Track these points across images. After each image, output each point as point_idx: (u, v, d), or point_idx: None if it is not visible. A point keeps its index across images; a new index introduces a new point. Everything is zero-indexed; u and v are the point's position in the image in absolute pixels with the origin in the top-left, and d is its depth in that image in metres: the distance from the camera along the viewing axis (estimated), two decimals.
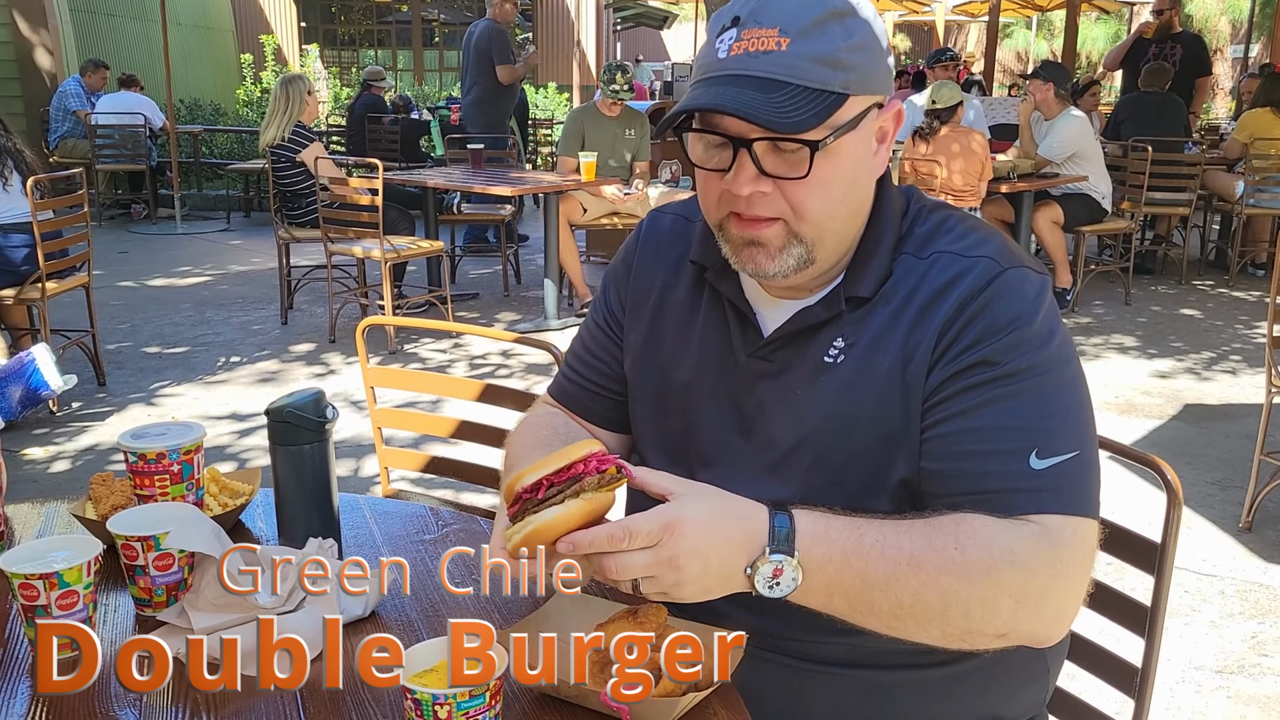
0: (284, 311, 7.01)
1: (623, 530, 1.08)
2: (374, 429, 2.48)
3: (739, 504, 1.17)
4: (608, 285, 1.61)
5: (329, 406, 1.54)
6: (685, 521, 1.10)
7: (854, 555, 1.16)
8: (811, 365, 1.36)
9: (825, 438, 1.34)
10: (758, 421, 1.40)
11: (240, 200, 11.72)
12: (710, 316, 1.46)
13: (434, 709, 1.11)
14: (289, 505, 1.55)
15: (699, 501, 1.14)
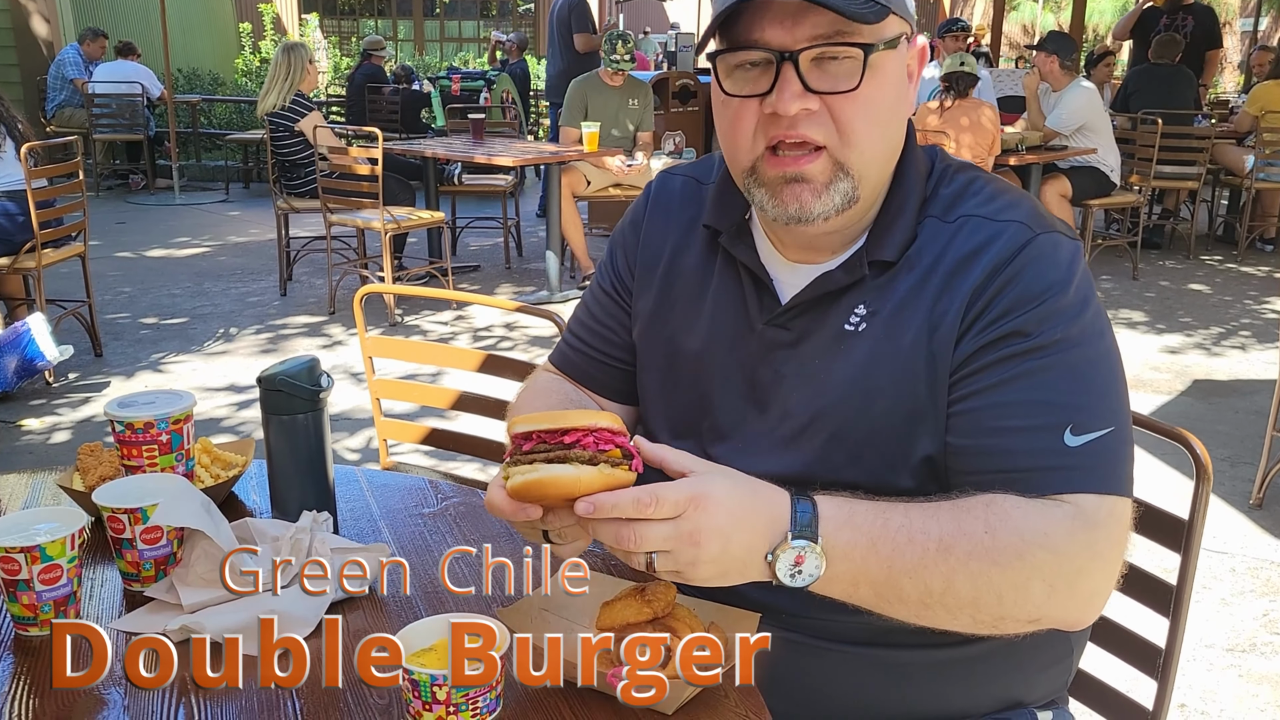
0: (283, 283, 6.95)
1: (650, 496, 1.02)
2: (372, 400, 2.43)
3: (762, 487, 1.10)
4: (614, 249, 1.55)
5: (323, 374, 1.48)
6: (710, 497, 1.04)
7: (880, 541, 1.09)
8: (831, 334, 1.29)
9: (845, 411, 1.28)
10: (774, 393, 1.34)
11: (239, 171, 11.63)
12: (724, 283, 1.40)
13: (432, 690, 1.06)
14: (282, 477, 1.49)
15: (724, 479, 1.08)
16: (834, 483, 1.26)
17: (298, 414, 1.46)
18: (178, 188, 10.55)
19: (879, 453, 1.27)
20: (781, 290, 1.35)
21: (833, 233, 1.29)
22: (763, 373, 1.35)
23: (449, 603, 1.38)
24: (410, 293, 2.54)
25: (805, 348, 1.31)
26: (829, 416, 1.29)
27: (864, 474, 1.27)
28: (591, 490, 1.03)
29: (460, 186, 7.73)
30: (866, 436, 1.27)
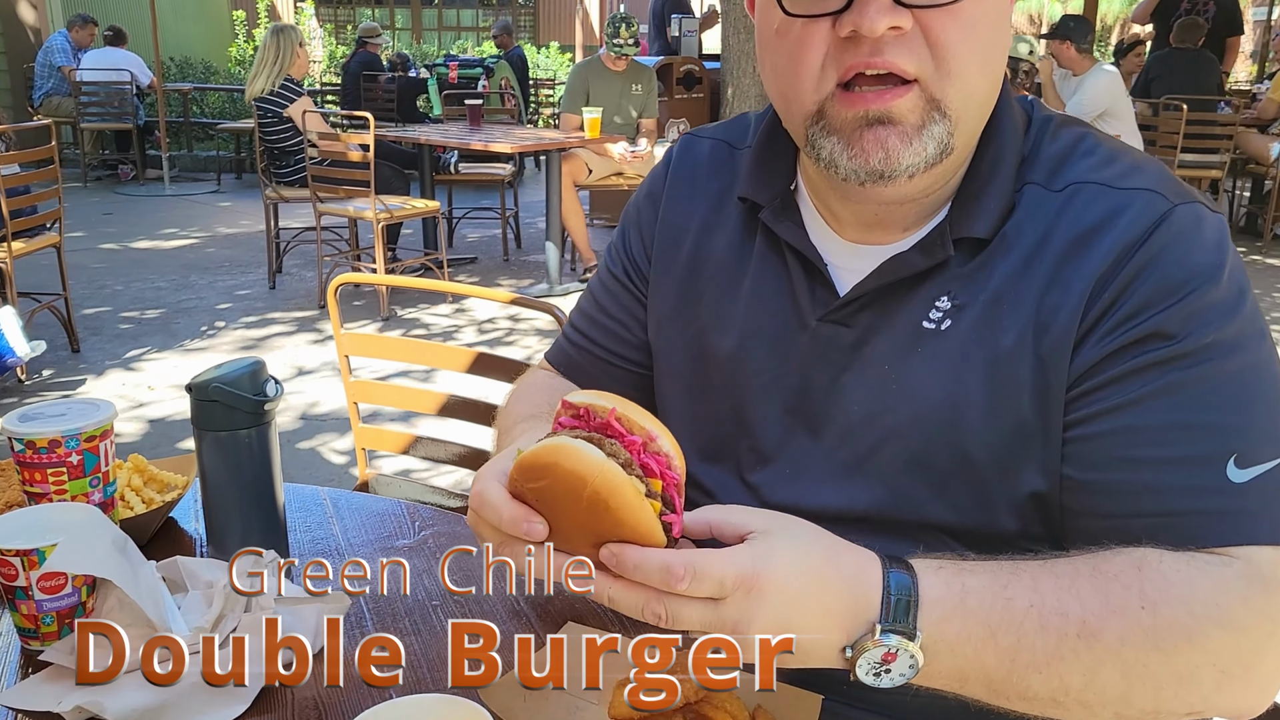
0: (272, 275, 6.67)
1: (685, 568, 0.77)
2: (349, 404, 2.15)
3: (844, 555, 0.84)
4: (627, 228, 1.27)
5: (269, 380, 1.20)
6: (768, 579, 0.78)
7: (1002, 629, 0.84)
8: (906, 332, 1.03)
9: (925, 431, 1.01)
10: (831, 406, 1.07)
11: (231, 161, 11.33)
12: (765, 269, 1.12)
13: None
14: (219, 507, 1.21)
15: (789, 550, 0.81)
16: (915, 525, 0.99)
17: (238, 429, 1.18)
18: (168, 178, 10.26)
19: (971, 486, 1.00)
20: (839, 278, 1.08)
21: (909, 202, 1.02)
22: (817, 380, 1.08)
23: (421, 666, 1.11)
24: (393, 283, 2.26)
25: (871, 349, 1.05)
26: (904, 438, 1.02)
27: (952, 512, 1.00)
28: (614, 498, 0.77)
29: (457, 175, 7.44)
30: (955, 465, 1.00)
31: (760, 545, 0.80)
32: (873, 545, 0.98)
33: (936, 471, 1.01)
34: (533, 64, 13.58)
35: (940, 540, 1.05)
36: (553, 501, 0.81)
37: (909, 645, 0.81)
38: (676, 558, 0.77)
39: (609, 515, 0.78)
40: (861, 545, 0.91)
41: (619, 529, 0.78)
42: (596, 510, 0.78)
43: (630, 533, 0.78)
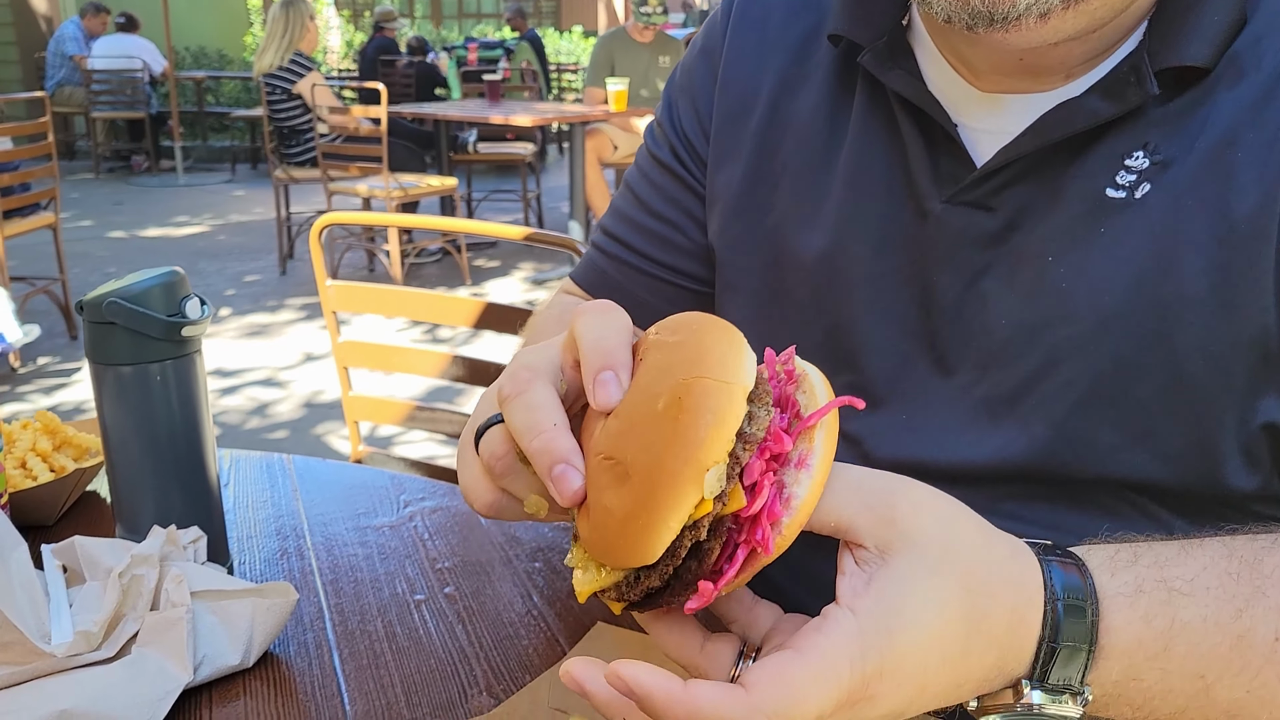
0: (282, 261, 6.38)
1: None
2: (338, 369, 1.83)
3: (998, 595, 0.53)
4: (674, 97, 0.96)
5: (191, 297, 0.88)
6: (885, 681, 0.50)
7: (1222, 680, 0.57)
8: (1080, 208, 0.72)
9: (1114, 345, 0.71)
10: (968, 322, 0.76)
11: (246, 151, 11.09)
12: (868, 135, 0.82)
13: None
14: (125, 469, 0.90)
15: (923, 607, 0.51)
16: (1093, 483, 0.69)
17: (147, 362, 0.86)
18: (181, 168, 10.01)
19: (1182, 422, 0.70)
20: (974, 143, 0.77)
21: (1068, 41, 0.70)
22: (946, 287, 0.77)
23: (394, 685, 0.80)
24: (380, 221, 1.95)
25: (1026, 238, 0.74)
26: (1081, 357, 0.72)
27: (1153, 461, 0.71)
28: (686, 453, 0.49)
29: (475, 155, 7.13)
30: (1159, 392, 0.70)
31: (876, 616, 0.50)
32: (1029, 514, 0.68)
33: (1131, 403, 0.70)
34: (555, 49, 13.26)
35: (1131, 504, 0.73)
36: (639, 374, 0.53)
37: (1066, 707, 0.55)
38: (740, 707, 0.48)
39: (658, 451, 0.49)
40: (1014, 513, 0.61)
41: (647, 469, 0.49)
42: (656, 425, 0.49)
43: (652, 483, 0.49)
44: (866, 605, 0.50)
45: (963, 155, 0.76)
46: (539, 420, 0.54)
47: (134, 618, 0.82)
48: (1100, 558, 0.57)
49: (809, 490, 0.49)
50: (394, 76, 10.08)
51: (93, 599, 0.84)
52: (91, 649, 0.79)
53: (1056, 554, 0.56)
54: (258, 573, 0.97)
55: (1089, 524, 0.72)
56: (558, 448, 0.53)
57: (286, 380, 4.53)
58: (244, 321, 5.39)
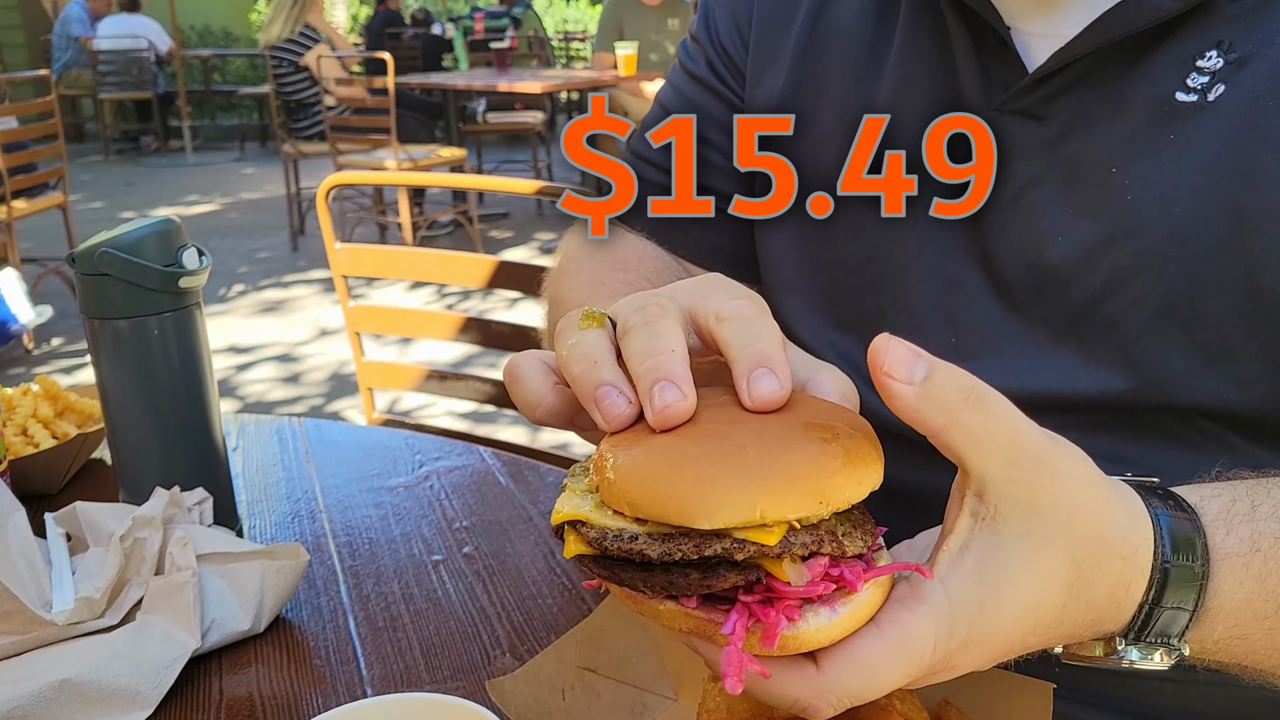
0: (294, 237, 6.34)
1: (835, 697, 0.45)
2: (350, 335, 1.79)
3: (1105, 564, 0.48)
4: (711, 9, 0.91)
5: (188, 247, 0.84)
6: (974, 648, 0.46)
7: None
8: (1145, 113, 0.67)
9: (1187, 261, 0.65)
10: (1017, 237, 0.71)
11: (255, 129, 11.03)
12: (915, 41, 0.77)
13: None
14: (125, 429, 0.86)
15: (1026, 574, 0.46)
16: (1167, 412, 0.64)
17: (144, 315, 0.82)
18: (190, 148, 9.97)
19: (1265, 344, 0.65)
20: (1026, 47, 0.72)
21: None
22: (992, 201, 0.71)
23: (413, 649, 0.76)
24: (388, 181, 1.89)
25: (1083, 148, 0.69)
26: (1149, 276, 0.66)
27: (1233, 387, 0.66)
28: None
29: (485, 125, 7.06)
30: (1238, 311, 0.65)
31: (970, 590, 0.45)
32: (1091, 446, 0.62)
33: (1205, 323, 0.65)
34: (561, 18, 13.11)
35: (1205, 433, 0.68)
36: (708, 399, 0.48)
37: (1155, 662, 0.51)
38: (809, 688, 0.44)
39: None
40: (1079, 446, 0.56)
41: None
42: (799, 434, 0.45)
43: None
44: (961, 579, 0.45)
45: (1014, 61, 0.70)
46: (659, 345, 0.49)
47: (138, 583, 0.78)
48: (1215, 510, 0.52)
49: (827, 630, 0.43)
50: (400, 49, 10.00)
51: (95, 566, 0.81)
52: (94, 616, 0.75)
53: (1170, 505, 0.51)
54: (269, 537, 0.93)
55: (1157, 456, 0.67)
56: (671, 368, 0.47)
57: (302, 355, 4.50)
58: (258, 298, 5.36)
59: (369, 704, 0.57)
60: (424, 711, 0.56)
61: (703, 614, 0.43)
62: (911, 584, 0.45)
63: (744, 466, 0.42)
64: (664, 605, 0.44)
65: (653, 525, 0.43)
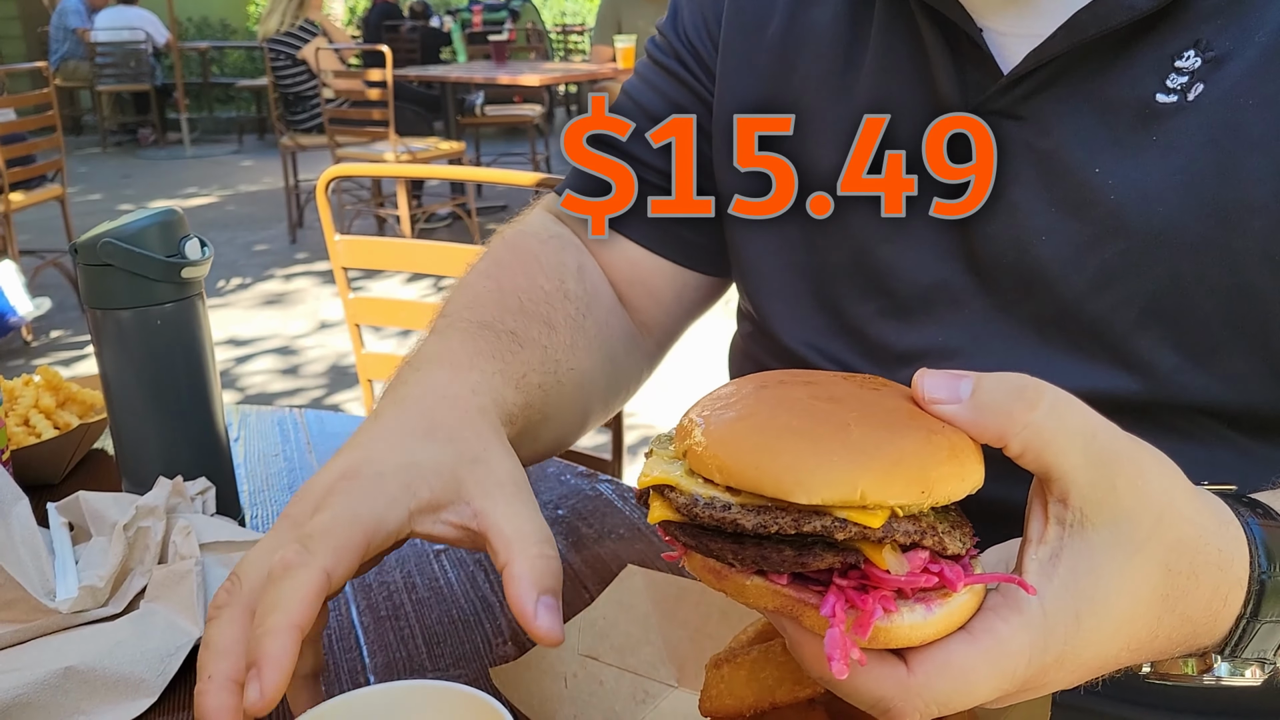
0: (292, 229, 6.34)
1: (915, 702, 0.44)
2: (350, 327, 1.79)
3: (1200, 576, 0.47)
4: (680, 6, 0.91)
5: (189, 237, 0.84)
6: (1063, 664, 0.45)
7: None
8: (1128, 115, 0.67)
9: (1171, 260, 0.66)
10: (1000, 235, 0.71)
11: (253, 121, 11.02)
12: (890, 44, 0.76)
13: None
14: (127, 419, 0.86)
15: (1119, 587, 0.45)
16: (1163, 407, 0.64)
17: (146, 305, 0.82)
18: (188, 140, 9.96)
19: (1251, 340, 0.66)
20: (1000, 47, 0.72)
21: None
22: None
23: (415, 638, 0.76)
24: (392, 173, 1.89)
25: (1065, 149, 0.69)
26: (1134, 276, 0.67)
27: (1220, 385, 0.67)
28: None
29: (483, 118, 7.05)
30: (1224, 308, 0.66)
31: (1064, 601, 0.44)
32: None
33: (1191, 321, 0.66)
34: (559, 10, 13.08)
35: (1204, 428, 0.68)
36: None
37: (1246, 678, 0.52)
38: (897, 688, 0.43)
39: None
40: None
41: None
42: (910, 423, 0.44)
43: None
44: (1054, 589, 0.44)
45: (989, 62, 0.71)
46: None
47: (141, 572, 0.78)
48: None
49: (920, 629, 0.42)
50: (399, 42, 9.97)
51: (99, 555, 0.81)
52: (98, 605, 0.76)
53: (1259, 514, 0.51)
54: (270, 527, 0.93)
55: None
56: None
57: (301, 348, 4.50)
58: (256, 290, 5.36)
59: (372, 691, 0.57)
60: (427, 699, 0.56)
61: (794, 593, 0.42)
62: (1004, 594, 0.44)
63: (847, 444, 0.41)
64: (750, 581, 0.42)
65: (745, 496, 0.42)
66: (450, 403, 0.64)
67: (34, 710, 0.66)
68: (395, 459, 0.58)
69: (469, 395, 0.65)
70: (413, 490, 0.57)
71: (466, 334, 0.72)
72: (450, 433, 0.61)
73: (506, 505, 0.58)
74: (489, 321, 0.73)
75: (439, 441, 0.60)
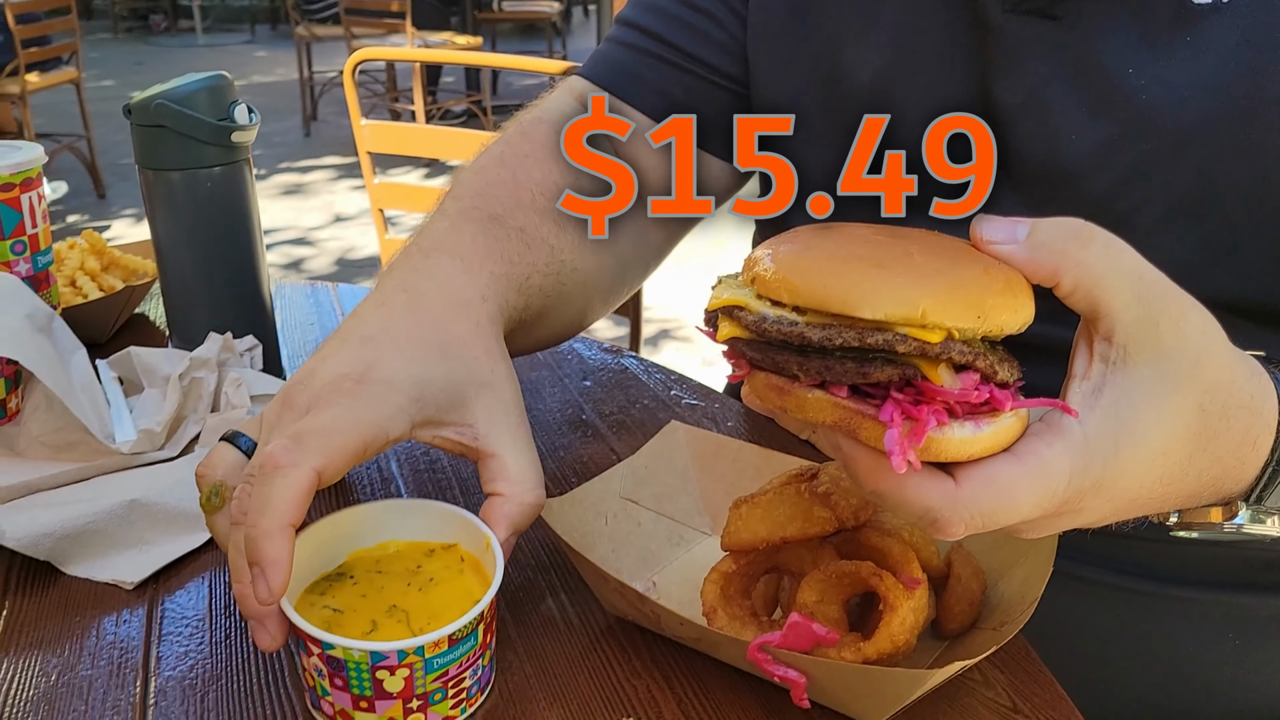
0: (306, 122, 6.31)
1: (960, 510, 0.46)
2: (374, 213, 1.82)
3: (1233, 419, 0.50)
4: None
5: (237, 102, 0.87)
6: (1098, 495, 0.47)
7: None
8: (1164, 15, 0.67)
9: (1201, 161, 0.67)
10: (1030, 135, 0.72)
11: (265, 11, 10.85)
12: None
13: (375, 674, 0.52)
14: (178, 277, 0.90)
15: (1156, 420, 0.47)
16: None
17: (197, 168, 0.85)
18: (200, 28, 9.83)
19: (1273, 239, 0.68)
20: None
21: None
22: (1007, 100, 0.73)
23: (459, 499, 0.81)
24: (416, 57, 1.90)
25: (1098, 49, 0.69)
26: (1161, 174, 0.68)
27: (1236, 281, 0.69)
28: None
29: (501, 14, 6.94)
30: (1248, 207, 0.67)
31: (1105, 430, 0.46)
32: None
33: (1214, 219, 0.68)
34: None
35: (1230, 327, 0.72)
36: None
37: (1268, 527, 0.54)
38: (944, 499, 0.45)
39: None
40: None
41: None
42: (967, 251, 0.48)
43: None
44: (1097, 419, 0.46)
45: None
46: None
47: (195, 420, 0.83)
48: None
49: (969, 444, 0.44)
50: None
51: (151, 405, 0.85)
52: (155, 448, 0.80)
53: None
54: None
55: None
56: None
57: (318, 239, 4.52)
58: (272, 182, 5.35)
59: (361, 507, 0.61)
60: (409, 511, 0.61)
61: (853, 404, 0.44)
62: (1047, 422, 0.47)
63: (910, 268, 0.44)
64: (812, 394, 0.45)
65: (812, 315, 0.45)
66: (463, 310, 0.65)
67: (102, 537, 0.71)
68: (408, 370, 0.59)
69: (479, 303, 0.66)
70: (420, 404, 0.58)
71: (479, 227, 0.72)
72: (462, 349, 0.62)
73: (511, 438, 0.61)
74: (500, 215, 0.74)
75: (451, 359, 0.61)
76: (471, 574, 0.59)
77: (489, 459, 0.61)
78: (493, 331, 0.65)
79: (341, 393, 0.57)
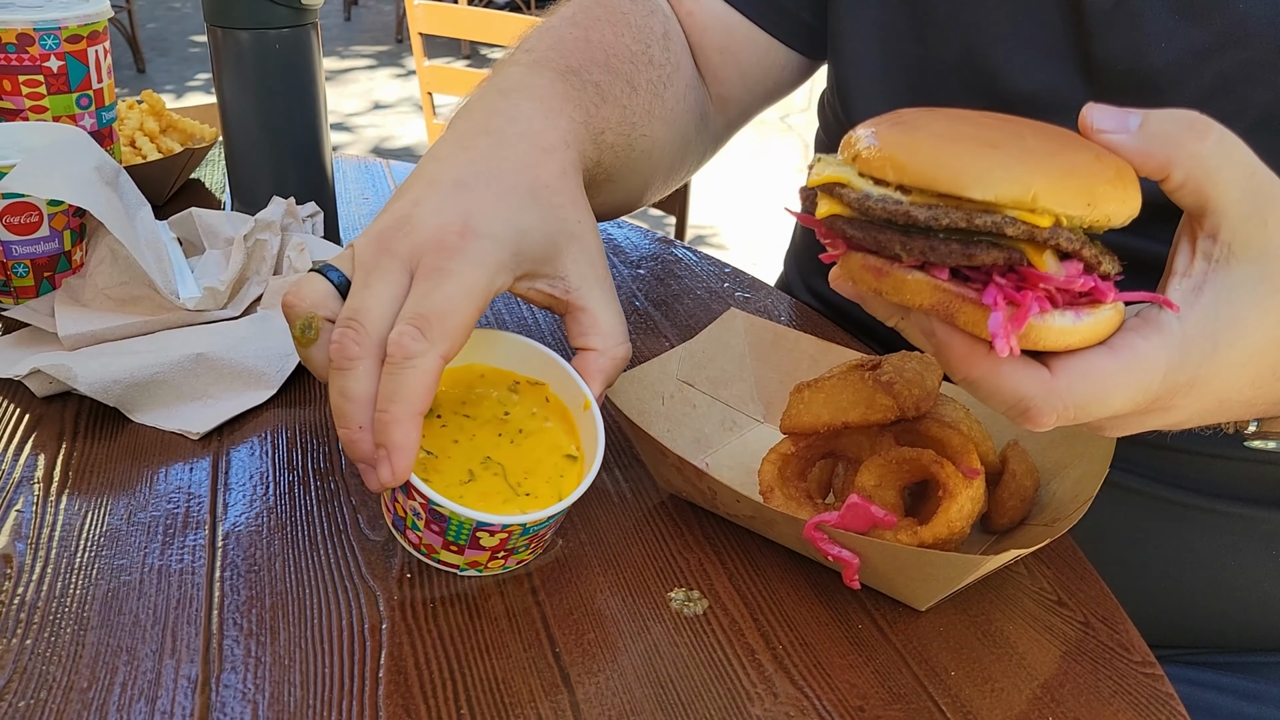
0: (347, 7, 6.22)
1: (1054, 402, 0.45)
2: (422, 95, 1.80)
3: None
4: None
5: None
6: (1192, 393, 0.47)
7: None
8: None
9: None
10: (1119, 41, 0.70)
11: None
12: None
13: (476, 535, 0.53)
14: (240, 139, 0.90)
15: (1252, 313, 0.46)
16: None
17: (265, 29, 0.85)
18: None
19: None
20: None
21: None
22: (1099, 7, 0.71)
23: None
24: None
25: None
26: (1253, 85, 0.67)
27: None
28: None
29: None
30: None
31: (1204, 328, 0.45)
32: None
33: None
34: None
35: None
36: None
37: None
38: (1039, 388, 0.44)
39: None
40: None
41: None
42: (1076, 141, 0.46)
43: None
44: (1196, 316, 0.45)
45: None
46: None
47: (258, 281, 0.84)
48: None
49: (1068, 334, 0.43)
50: None
51: (213, 266, 0.86)
52: (218, 306, 0.82)
53: None
54: None
55: None
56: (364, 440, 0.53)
57: (356, 125, 4.50)
58: None
59: (490, 332, 0.61)
60: (536, 356, 0.61)
61: (954, 287, 0.43)
62: (1144, 317, 0.46)
63: (1023, 149, 0.43)
64: (912, 275, 0.44)
65: (917, 195, 0.43)
66: (548, 155, 0.63)
67: (169, 388, 0.72)
68: (506, 222, 0.57)
69: (563, 148, 0.64)
70: (520, 258, 0.57)
71: (557, 75, 0.69)
72: (551, 197, 0.61)
73: (600, 291, 0.61)
74: (576, 68, 0.71)
75: (542, 207, 0.60)
76: (558, 423, 0.59)
77: (579, 312, 0.60)
78: (576, 179, 0.64)
79: (446, 250, 0.55)
